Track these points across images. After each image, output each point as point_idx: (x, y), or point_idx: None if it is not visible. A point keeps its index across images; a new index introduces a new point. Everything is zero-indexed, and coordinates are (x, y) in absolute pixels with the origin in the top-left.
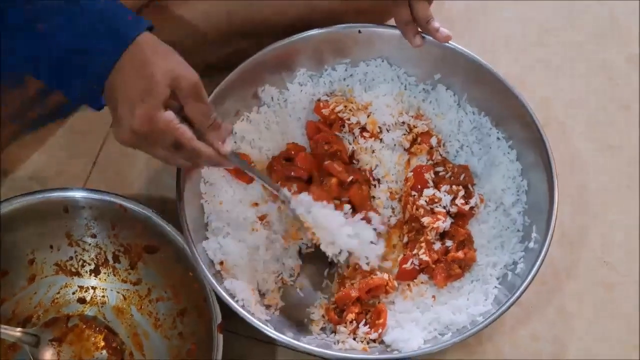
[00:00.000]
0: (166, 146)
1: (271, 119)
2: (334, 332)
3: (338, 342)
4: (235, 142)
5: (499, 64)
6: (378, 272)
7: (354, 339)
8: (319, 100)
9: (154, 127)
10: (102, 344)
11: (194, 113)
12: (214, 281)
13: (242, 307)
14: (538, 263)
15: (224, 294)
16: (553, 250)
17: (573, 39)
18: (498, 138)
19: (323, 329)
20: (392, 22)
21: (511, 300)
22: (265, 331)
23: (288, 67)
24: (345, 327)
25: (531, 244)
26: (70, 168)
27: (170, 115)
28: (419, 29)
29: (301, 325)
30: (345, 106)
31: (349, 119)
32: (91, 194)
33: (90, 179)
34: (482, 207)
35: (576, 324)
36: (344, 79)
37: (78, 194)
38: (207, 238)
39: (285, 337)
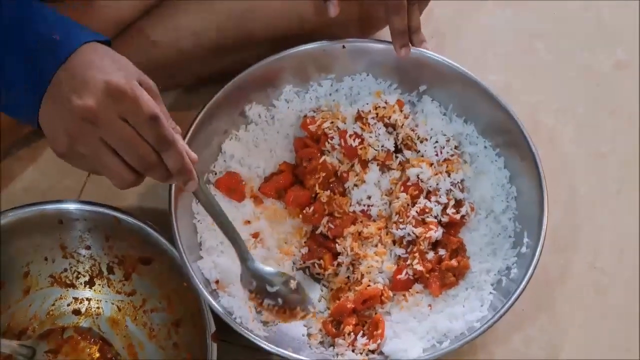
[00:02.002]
0: (137, 121)
1: (259, 137)
2: (333, 345)
3: (337, 355)
4: (225, 160)
5: (487, 70)
6: (371, 283)
7: (353, 350)
8: (305, 116)
9: (132, 90)
10: (97, 355)
11: (162, 111)
12: (211, 299)
13: (240, 324)
14: (532, 267)
15: (221, 310)
16: (544, 255)
17: (560, 45)
18: (485, 146)
19: (321, 343)
20: (376, 36)
21: (507, 305)
22: (264, 346)
23: (274, 84)
24: (344, 339)
25: (523, 249)
26: (65, 181)
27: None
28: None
29: (300, 340)
30: (332, 122)
31: (333, 138)
32: (85, 205)
33: (84, 192)
34: (473, 215)
35: (568, 329)
36: (330, 94)
37: (72, 206)
38: (201, 257)
39: (284, 351)
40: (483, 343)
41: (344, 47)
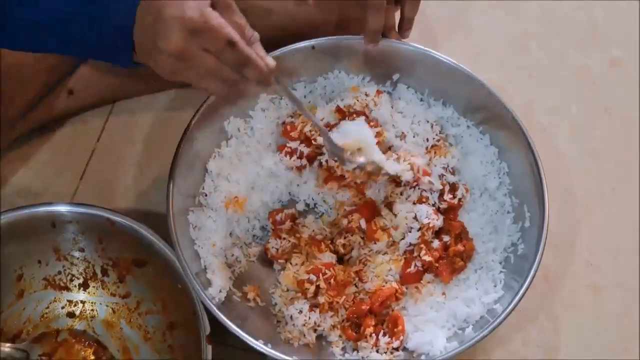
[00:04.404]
0: (217, 49)
1: (242, 150)
2: (355, 349)
3: (363, 358)
4: (212, 180)
5: (480, 70)
6: (384, 283)
7: (377, 351)
8: (284, 123)
9: (207, 22)
10: (92, 358)
11: (236, 25)
12: (207, 300)
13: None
14: (543, 237)
15: (216, 311)
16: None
17: (553, 44)
18: (468, 126)
19: (344, 349)
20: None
21: (527, 282)
22: (258, 347)
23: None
24: (367, 341)
25: (527, 223)
26: (57, 183)
27: (217, 13)
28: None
29: (320, 350)
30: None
31: (316, 140)
32: (77, 208)
33: (77, 194)
34: (468, 196)
35: (565, 328)
36: (305, 96)
37: (64, 209)
38: (209, 280)
39: (278, 353)
40: (481, 343)
41: (313, 48)
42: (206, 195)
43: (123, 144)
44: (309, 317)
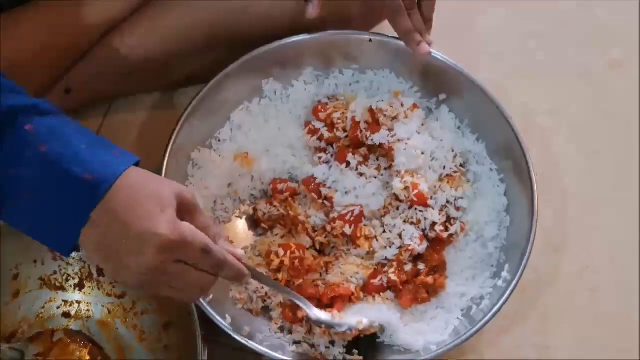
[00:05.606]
0: (193, 260)
1: (271, 113)
2: (291, 332)
3: (293, 342)
4: (231, 129)
5: (480, 70)
6: (345, 282)
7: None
8: (319, 102)
9: (182, 235)
10: (87, 358)
11: (203, 228)
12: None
13: (229, 326)
14: (500, 303)
15: (211, 312)
16: (535, 256)
17: (554, 44)
18: (491, 169)
19: (281, 329)
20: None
21: (469, 334)
22: (253, 347)
23: (295, 64)
24: (301, 327)
25: (500, 282)
26: None
27: (187, 223)
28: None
29: (259, 322)
30: (343, 113)
31: (339, 130)
32: None
33: None
34: (463, 235)
35: (559, 330)
36: (350, 84)
37: None
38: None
39: (274, 353)
40: (472, 344)
41: (370, 40)
42: (219, 141)
43: (121, 142)
44: (262, 287)
